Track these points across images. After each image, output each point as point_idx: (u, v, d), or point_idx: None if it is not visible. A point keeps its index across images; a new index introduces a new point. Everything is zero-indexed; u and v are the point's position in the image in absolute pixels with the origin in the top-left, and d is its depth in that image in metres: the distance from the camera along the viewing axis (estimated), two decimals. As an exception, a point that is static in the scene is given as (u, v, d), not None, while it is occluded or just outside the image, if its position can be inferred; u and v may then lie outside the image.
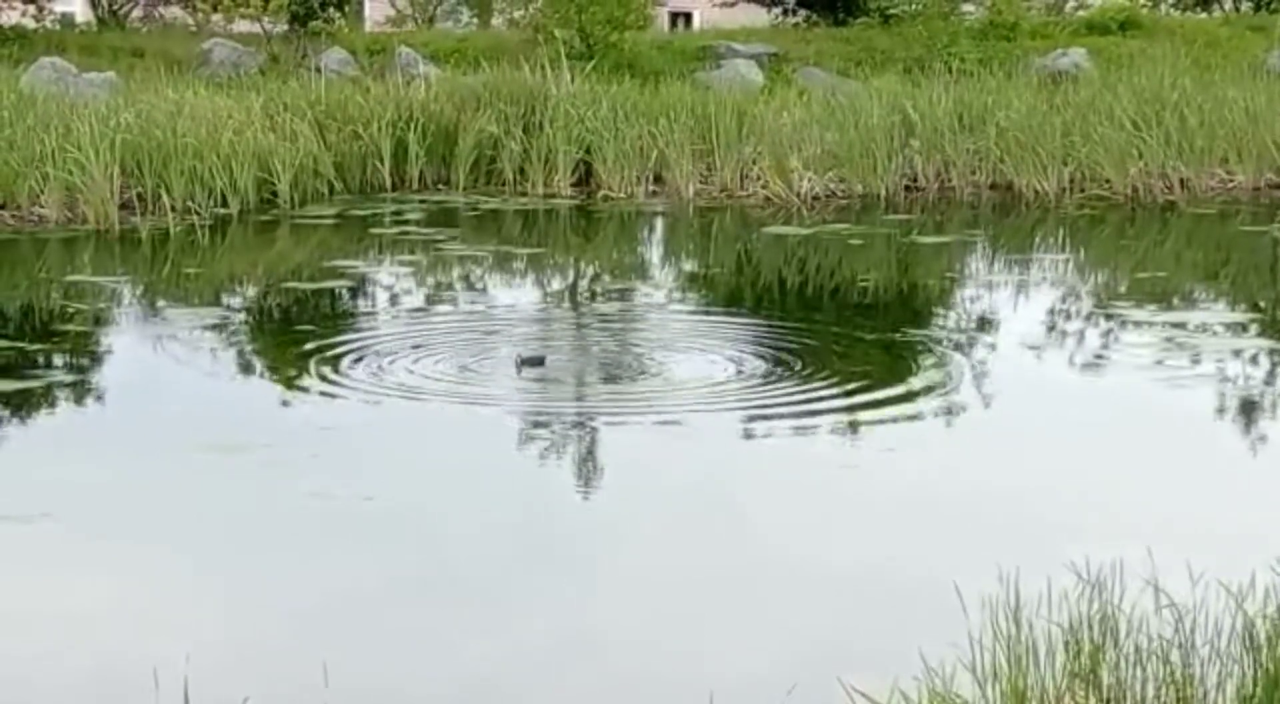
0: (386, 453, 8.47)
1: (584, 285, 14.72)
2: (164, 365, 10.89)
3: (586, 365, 10.51)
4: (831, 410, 9.20)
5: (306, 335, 11.36)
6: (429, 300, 13.56)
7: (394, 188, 19.14)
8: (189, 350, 11.10)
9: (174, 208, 16.55)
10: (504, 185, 19.39)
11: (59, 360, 10.76)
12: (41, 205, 16.46)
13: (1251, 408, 9.46)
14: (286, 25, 24.79)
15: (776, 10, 29.37)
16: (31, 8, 26.36)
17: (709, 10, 34.40)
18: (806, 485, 7.97)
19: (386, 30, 31.78)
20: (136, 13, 31.35)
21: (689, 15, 41.37)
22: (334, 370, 10.05)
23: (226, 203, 17.04)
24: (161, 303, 13.26)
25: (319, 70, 21.48)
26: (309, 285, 13.78)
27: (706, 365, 10.25)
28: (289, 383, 9.92)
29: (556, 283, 15.01)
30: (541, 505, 7.59)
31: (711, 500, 7.67)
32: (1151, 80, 20.51)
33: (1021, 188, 19.04)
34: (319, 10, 24.87)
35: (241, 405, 9.65)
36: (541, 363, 10.08)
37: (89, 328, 11.95)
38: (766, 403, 9.34)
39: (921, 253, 15.97)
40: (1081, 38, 26.04)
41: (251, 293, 14.01)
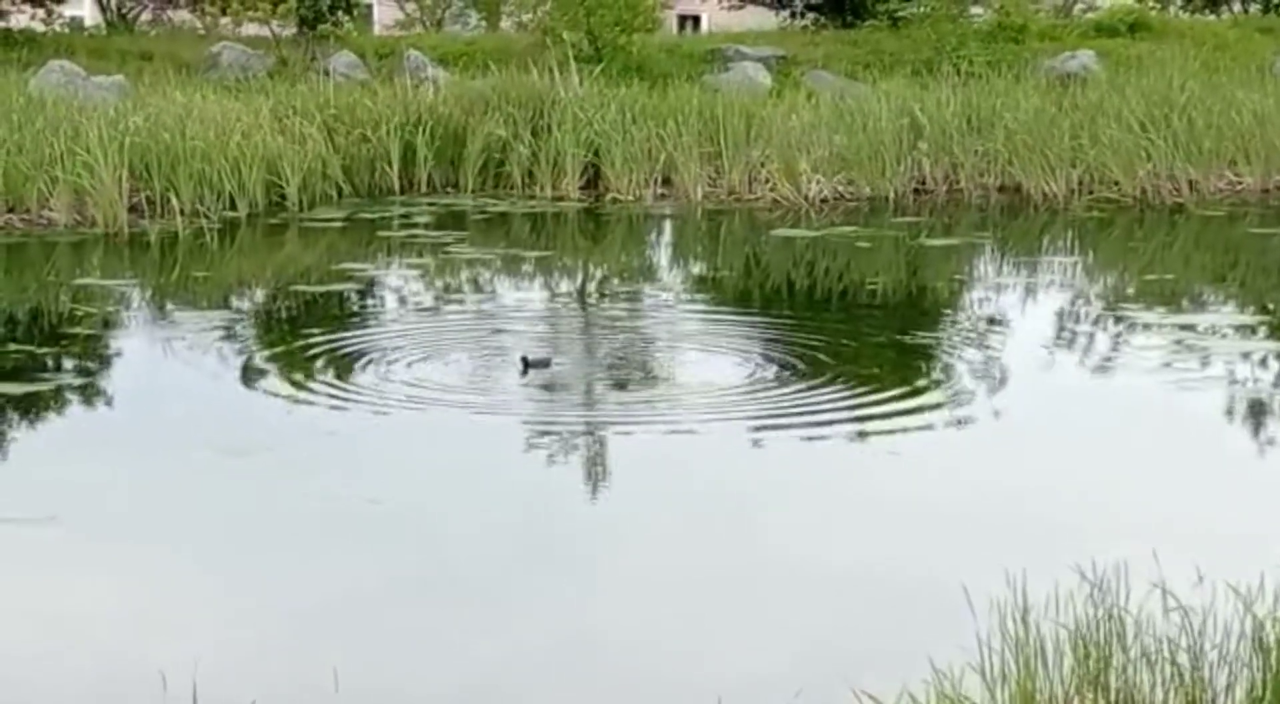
0: (392, 456, 8.47)
1: (592, 288, 14.72)
2: (172, 368, 10.91)
3: (594, 368, 10.50)
4: (839, 413, 9.18)
5: (314, 338, 11.37)
6: (437, 303, 13.56)
7: (402, 191, 19.13)
8: (197, 353, 11.10)
9: (182, 211, 16.56)
10: (512, 188, 19.37)
11: (68, 363, 10.76)
12: (50, 208, 16.47)
13: (1260, 410, 9.44)
14: (295, 28, 24.79)
15: (785, 13, 29.35)
16: (40, 11, 26.38)
17: (717, 13, 34.38)
18: (813, 487, 7.97)
19: (395, 33, 31.80)
20: (145, 16, 31.33)
21: (697, 18, 41.37)
22: (341, 374, 10.06)
23: (235, 206, 17.05)
24: (170, 306, 13.28)
25: (327, 73, 21.45)
26: (317, 288, 13.78)
27: (714, 368, 10.23)
28: (296, 386, 9.91)
29: (565, 285, 15.00)
30: (545, 508, 7.58)
31: (718, 502, 7.65)
32: (1160, 82, 20.47)
33: (1030, 190, 19.00)
34: (327, 13, 24.89)
35: (249, 408, 9.64)
36: (547, 365, 10.08)
37: (97, 331, 11.96)
38: (774, 405, 9.32)
39: (930, 255, 15.96)
40: (1090, 40, 25.99)
41: (260, 296, 14.02)
